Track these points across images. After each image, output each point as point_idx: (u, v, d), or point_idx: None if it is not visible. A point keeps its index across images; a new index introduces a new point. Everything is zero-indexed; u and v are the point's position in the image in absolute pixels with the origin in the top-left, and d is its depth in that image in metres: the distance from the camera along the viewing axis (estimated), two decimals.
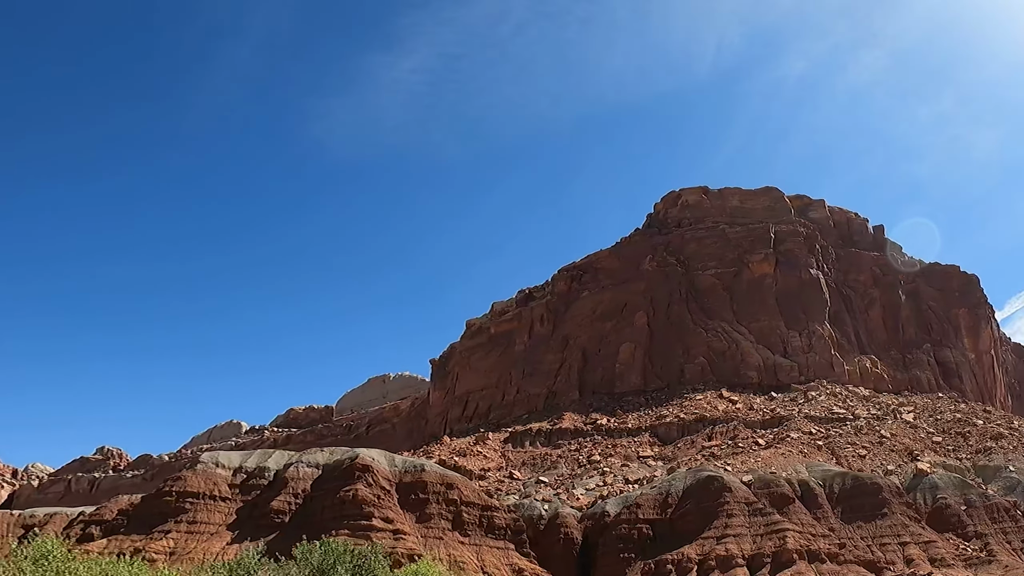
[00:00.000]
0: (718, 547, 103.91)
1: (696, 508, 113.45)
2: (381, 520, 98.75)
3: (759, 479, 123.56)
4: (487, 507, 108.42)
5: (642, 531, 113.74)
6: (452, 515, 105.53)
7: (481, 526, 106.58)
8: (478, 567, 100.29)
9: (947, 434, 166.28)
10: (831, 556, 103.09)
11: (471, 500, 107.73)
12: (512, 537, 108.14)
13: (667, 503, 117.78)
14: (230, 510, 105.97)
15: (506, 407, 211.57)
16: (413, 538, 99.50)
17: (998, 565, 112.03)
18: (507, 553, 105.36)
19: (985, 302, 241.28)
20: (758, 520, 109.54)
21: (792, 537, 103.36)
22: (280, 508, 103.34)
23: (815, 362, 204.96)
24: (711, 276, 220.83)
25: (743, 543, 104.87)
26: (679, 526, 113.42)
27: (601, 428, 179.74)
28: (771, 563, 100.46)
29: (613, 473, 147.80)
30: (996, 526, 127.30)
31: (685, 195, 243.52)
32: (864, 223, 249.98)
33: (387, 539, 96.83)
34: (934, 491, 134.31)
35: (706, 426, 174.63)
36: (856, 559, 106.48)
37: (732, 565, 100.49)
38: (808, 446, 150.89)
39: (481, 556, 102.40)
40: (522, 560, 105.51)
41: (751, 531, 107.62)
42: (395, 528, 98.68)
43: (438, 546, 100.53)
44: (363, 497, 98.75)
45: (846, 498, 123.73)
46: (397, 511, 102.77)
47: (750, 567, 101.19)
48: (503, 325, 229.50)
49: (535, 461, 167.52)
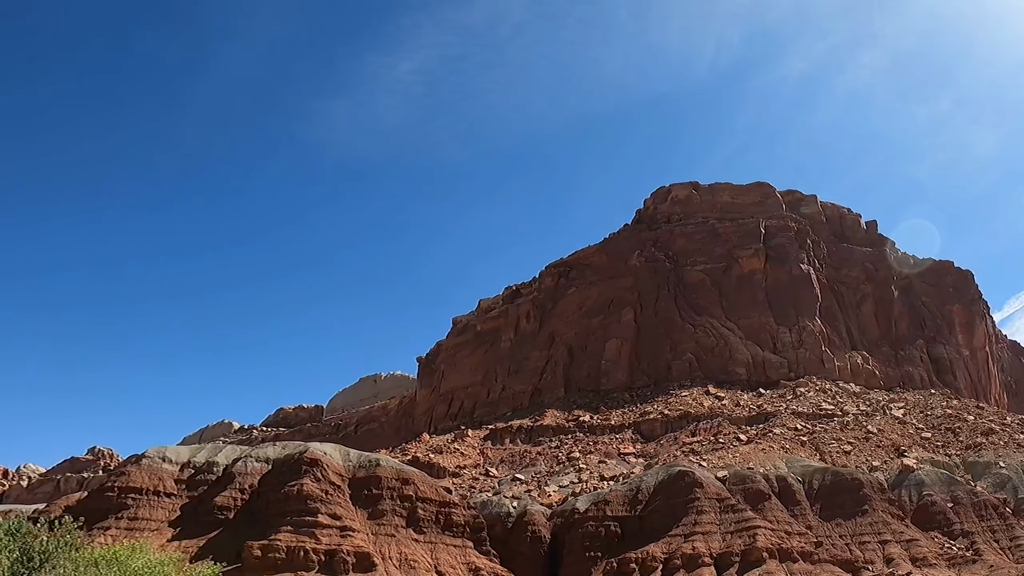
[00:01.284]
0: (685, 545, 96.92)
1: (665, 505, 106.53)
2: (328, 516, 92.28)
3: (734, 475, 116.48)
4: (445, 504, 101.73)
5: (610, 529, 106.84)
6: (407, 512, 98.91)
7: (438, 523, 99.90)
8: (431, 566, 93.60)
9: (937, 430, 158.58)
10: (804, 555, 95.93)
11: (428, 497, 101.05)
12: (471, 535, 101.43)
13: (637, 500, 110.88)
14: (174, 506, 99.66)
15: (491, 405, 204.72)
16: (362, 535, 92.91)
17: (983, 564, 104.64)
18: (465, 551, 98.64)
19: (980, 298, 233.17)
20: (729, 517, 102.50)
21: (763, 535, 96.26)
22: (224, 504, 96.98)
23: (805, 358, 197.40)
24: (700, 272, 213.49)
25: (712, 541, 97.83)
26: (648, 523, 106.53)
27: (583, 425, 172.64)
28: (740, 562, 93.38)
29: (590, 470, 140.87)
30: (983, 524, 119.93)
31: (675, 190, 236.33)
32: (857, 218, 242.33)
33: (333, 536, 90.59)
34: (920, 488, 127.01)
35: (690, 422, 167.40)
36: (832, 558, 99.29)
37: (699, 564, 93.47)
38: (791, 442, 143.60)
39: (436, 554, 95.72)
40: (481, 559, 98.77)
41: (721, 528, 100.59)
42: (343, 525, 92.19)
43: (389, 544, 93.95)
44: (309, 492, 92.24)
45: (826, 495, 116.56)
46: (347, 507, 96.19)
47: (718, 566, 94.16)
48: (489, 322, 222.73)
49: (514, 458, 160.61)
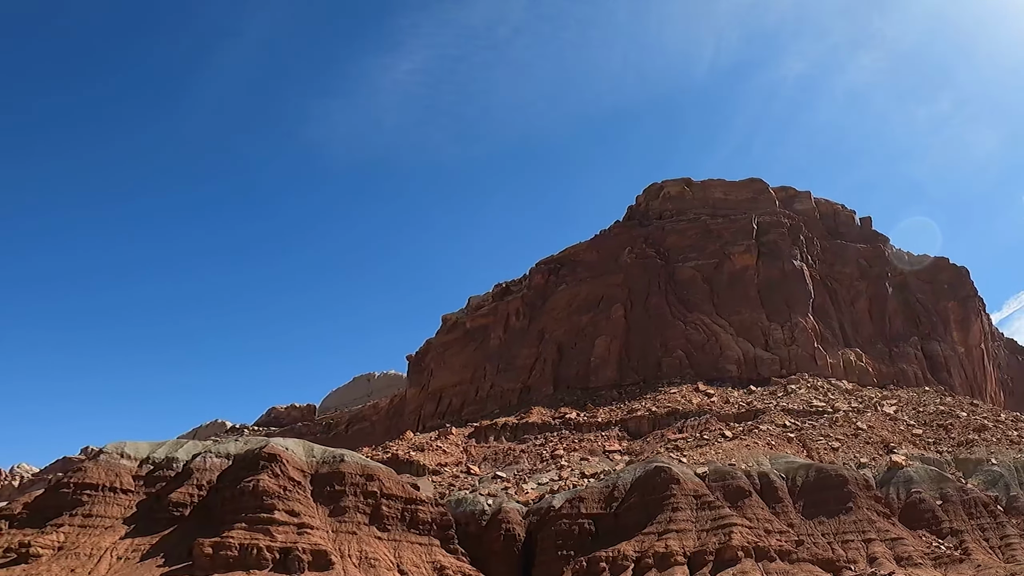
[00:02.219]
0: (658, 543, 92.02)
1: (640, 502, 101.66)
2: (285, 513, 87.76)
3: (714, 471, 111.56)
4: (411, 501, 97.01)
5: (584, 527, 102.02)
6: (371, 509, 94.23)
7: (403, 521, 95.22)
8: (393, 564, 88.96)
9: (928, 426, 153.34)
10: (783, 554, 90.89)
11: (393, 494, 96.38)
12: (438, 533, 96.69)
13: (613, 497, 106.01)
14: (131, 503, 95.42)
15: (479, 403, 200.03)
16: (321, 533, 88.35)
17: (970, 564, 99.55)
18: (431, 550, 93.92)
19: (975, 295, 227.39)
20: (706, 515, 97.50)
21: (739, 533, 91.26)
22: (180, 500, 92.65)
23: (797, 355, 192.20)
24: (691, 268, 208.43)
25: (686, 539, 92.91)
26: (623, 521, 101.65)
27: (570, 422, 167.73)
28: (713, 561, 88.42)
29: (571, 467, 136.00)
30: (973, 522, 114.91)
31: (667, 187, 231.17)
32: (851, 215, 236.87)
33: (290, 533, 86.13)
34: (908, 485, 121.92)
35: (678, 419, 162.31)
36: (812, 557, 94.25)
37: (671, 563, 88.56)
38: (777, 438, 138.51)
39: (399, 552, 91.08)
40: (447, 557, 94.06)
41: (697, 526, 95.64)
42: (300, 522, 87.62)
43: (350, 541, 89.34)
44: (265, 488, 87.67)
45: (809, 491, 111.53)
46: (307, 504, 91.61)
47: (691, 565, 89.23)
48: (479, 320, 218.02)
49: (497, 456, 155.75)
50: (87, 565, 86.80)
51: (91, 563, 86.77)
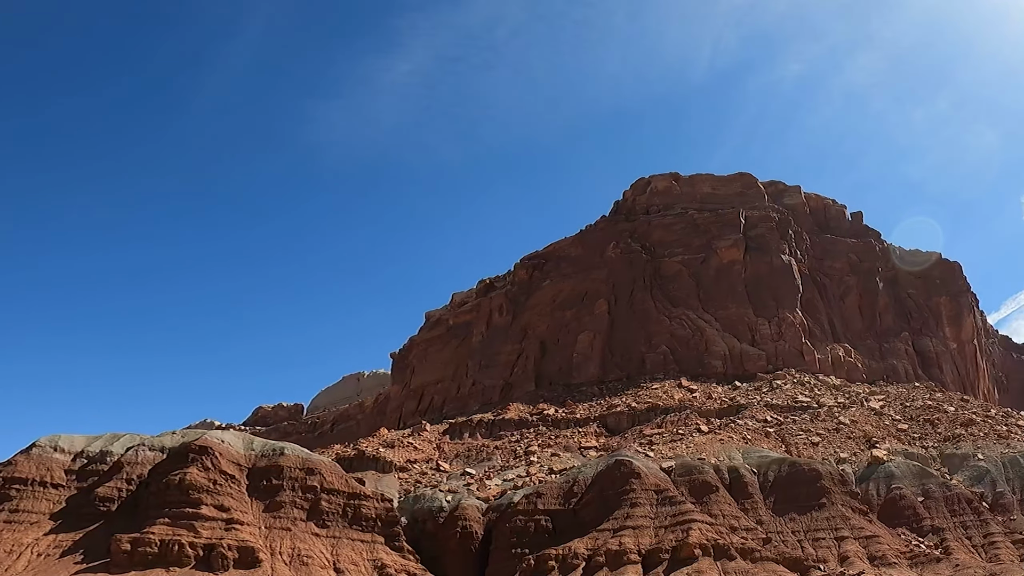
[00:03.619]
0: (612, 541, 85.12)
1: (598, 497, 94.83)
2: (214, 508, 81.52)
3: (681, 466, 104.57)
4: (354, 496, 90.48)
5: (540, 523, 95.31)
6: (309, 504, 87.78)
7: (344, 516, 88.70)
8: (328, 562, 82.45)
9: (914, 421, 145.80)
10: (745, 552, 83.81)
11: (335, 488, 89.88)
12: (382, 529, 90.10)
13: (573, 492, 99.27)
14: (60, 498, 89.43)
15: (460, 400, 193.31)
16: (252, 529, 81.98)
17: (948, 564, 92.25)
18: (373, 547, 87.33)
19: (968, 290, 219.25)
20: (666, 510, 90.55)
21: (698, 530, 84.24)
22: (107, 495, 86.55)
23: (784, 350, 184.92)
24: (677, 263, 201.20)
25: (642, 536, 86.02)
26: (582, 517, 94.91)
27: (548, 419, 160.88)
28: (669, 559, 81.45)
29: (540, 463, 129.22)
30: (956, 519, 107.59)
31: (655, 182, 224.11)
32: (842, 209, 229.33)
33: (216, 529, 79.91)
34: (889, 481, 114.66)
35: (658, 415, 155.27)
36: (779, 556, 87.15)
37: (624, 562, 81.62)
38: (755, 433, 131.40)
39: (337, 550, 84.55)
40: (391, 555, 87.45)
41: (655, 522, 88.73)
42: (229, 517, 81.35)
43: (283, 538, 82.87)
44: (191, 482, 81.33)
45: (781, 487, 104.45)
46: (240, 498, 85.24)
47: (646, 564, 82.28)
48: (461, 316, 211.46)
49: (470, 453, 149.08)
50: (5, 562, 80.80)
51: (10, 559, 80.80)
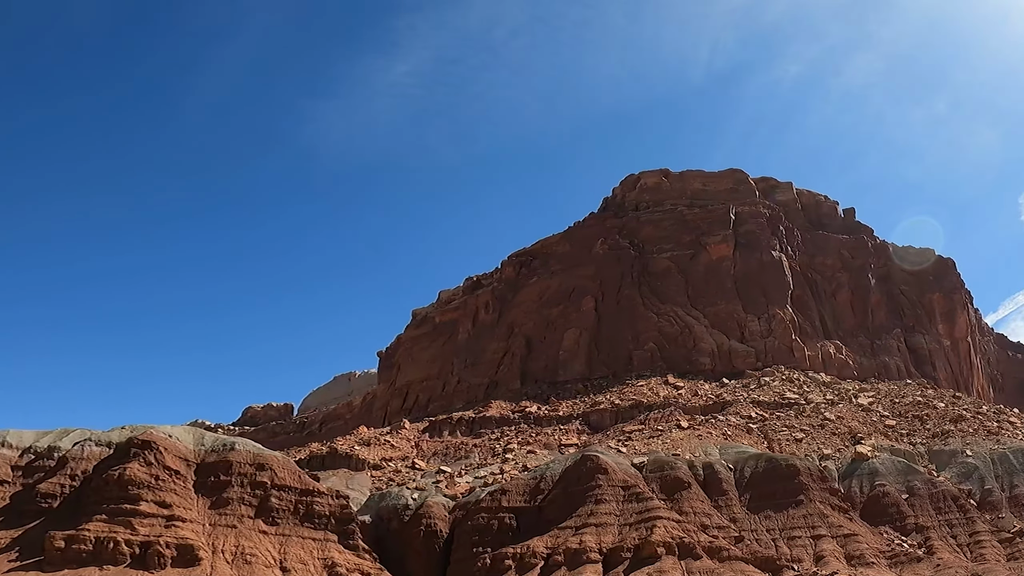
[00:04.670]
0: (573, 539, 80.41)
1: (564, 493, 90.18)
2: (154, 504, 77.13)
3: (653, 461, 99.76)
4: (307, 492, 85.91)
5: (504, 521, 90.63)
6: (259, 500, 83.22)
7: (296, 514, 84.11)
8: (275, 560, 77.88)
9: (903, 418, 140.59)
10: (712, 551, 78.97)
11: (286, 484, 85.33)
12: (336, 527, 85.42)
13: (539, 489, 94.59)
14: (5, 495, 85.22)
15: (445, 398, 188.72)
16: (195, 526, 77.51)
17: (928, 564, 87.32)
18: (325, 545, 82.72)
19: (961, 287, 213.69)
20: (632, 507, 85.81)
21: (662, 528, 79.45)
22: (49, 492, 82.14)
23: (774, 347, 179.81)
24: (666, 259, 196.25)
25: (605, 534, 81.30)
26: (547, 514, 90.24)
27: (529, 416, 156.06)
28: (631, 558, 76.68)
29: (515, 460, 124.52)
30: (941, 517, 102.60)
31: (644, 178, 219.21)
32: (834, 206, 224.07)
33: (155, 526, 75.43)
34: (872, 477, 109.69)
35: (641, 412, 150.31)
36: (751, 555, 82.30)
37: (583, 560, 76.90)
38: (736, 429, 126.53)
39: (286, 548, 79.97)
40: (344, 553, 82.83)
41: (620, 520, 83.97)
42: (171, 514, 76.91)
43: (228, 535, 78.32)
44: (131, 477, 76.95)
45: (758, 483, 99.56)
46: (185, 495, 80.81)
47: (607, 563, 77.54)
48: (448, 314, 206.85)
49: (448, 450, 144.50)
50: None
51: None
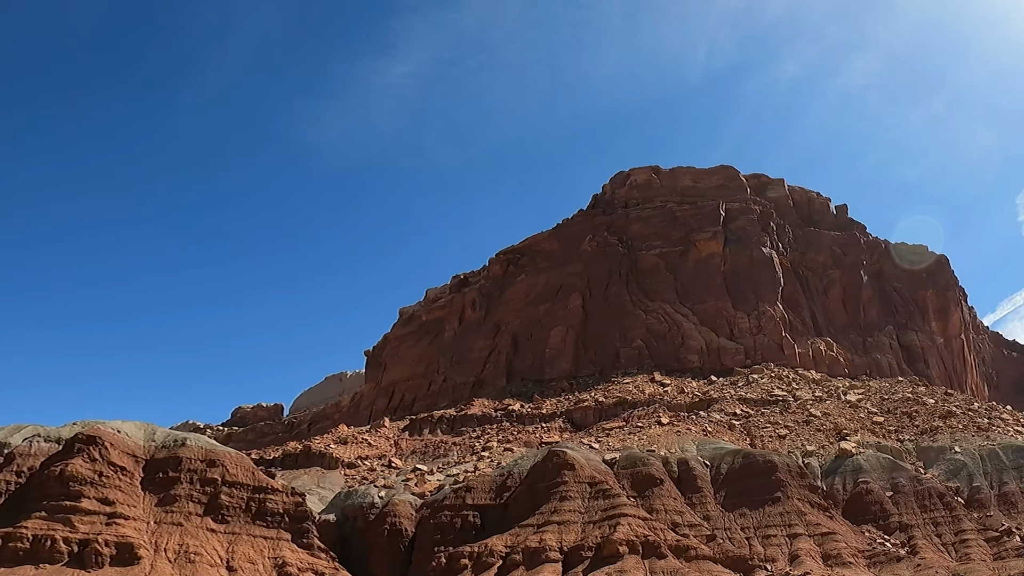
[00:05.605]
0: (533, 537, 76.31)
1: (529, 490, 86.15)
2: (96, 501, 73.39)
3: (625, 457, 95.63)
4: (260, 489, 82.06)
5: (467, 519, 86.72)
6: (208, 498, 79.35)
7: (247, 511, 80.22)
8: (221, 559, 74.00)
9: (891, 414, 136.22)
10: (680, 550, 74.83)
11: (238, 481, 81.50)
12: (290, 525, 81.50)
13: (506, 486, 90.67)
14: None
15: (431, 397, 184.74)
16: (138, 524, 73.69)
17: (909, 563, 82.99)
18: (277, 544, 78.79)
19: (955, 284, 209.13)
20: (598, 504, 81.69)
21: (626, 526, 75.31)
22: None
23: (764, 344, 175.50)
24: (655, 256, 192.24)
25: (568, 532, 77.22)
26: (512, 512, 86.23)
27: (512, 414, 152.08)
28: (592, 557, 72.56)
29: (492, 458, 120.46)
30: (926, 515, 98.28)
31: (634, 175, 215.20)
32: (826, 202, 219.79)
33: (95, 524, 71.61)
34: (856, 475, 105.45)
35: (625, 410, 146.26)
36: (721, 554, 78.16)
37: (542, 560, 72.83)
38: (719, 425, 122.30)
39: (234, 546, 76.09)
40: (296, 552, 78.89)
41: (585, 517, 79.90)
42: (113, 511, 73.18)
43: (172, 533, 74.47)
44: (72, 473, 73.24)
45: (734, 479, 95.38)
46: (131, 491, 77.04)
47: (567, 562, 73.45)
48: (435, 312, 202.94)
49: (427, 449, 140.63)
50: None
51: None
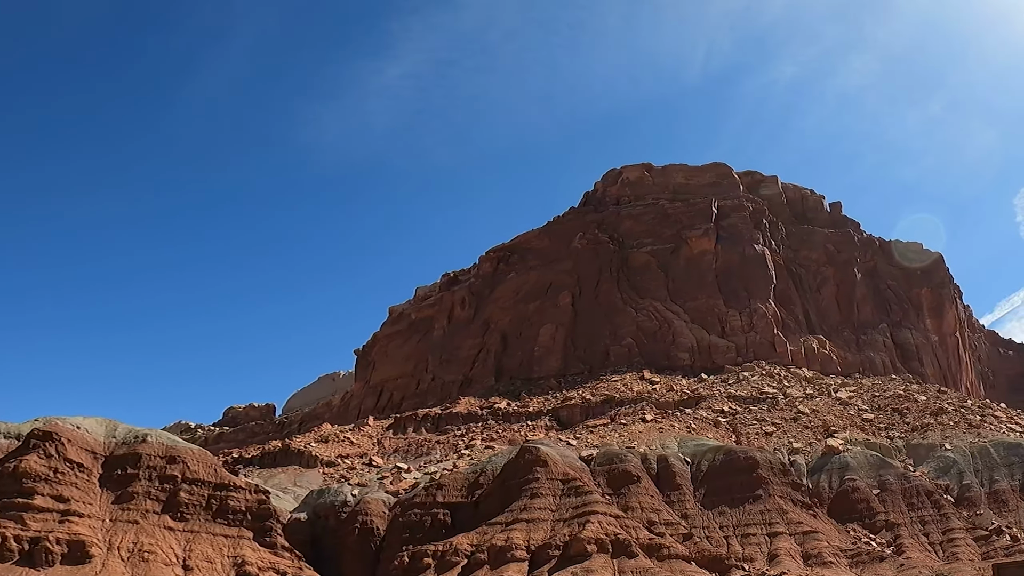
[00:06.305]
0: (500, 536, 73.41)
1: (500, 487, 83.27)
2: (51, 498, 70.70)
3: (602, 454, 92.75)
4: (221, 486, 79.27)
5: (438, 517, 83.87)
6: (167, 495, 76.59)
7: (208, 509, 77.47)
8: (177, 558, 71.26)
9: (882, 411, 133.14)
10: (652, 549, 71.88)
11: (199, 478, 78.74)
12: (252, 523, 78.73)
13: (478, 483, 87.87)
14: None
15: (419, 395, 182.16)
16: (92, 522, 71.02)
17: (892, 563, 79.92)
18: (238, 542, 76.02)
19: (950, 281, 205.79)
20: (570, 501, 78.82)
21: (596, 523, 72.40)
22: None
23: (755, 342, 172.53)
24: (646, 254, 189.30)
25: (536, 530, 74.36)
26: (484, 509, 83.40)
27: (498, 412, 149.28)
28: (559, 556, 69.66)
29: (472, 456, 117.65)
30: (914, 514, 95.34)
31: (626, 172, 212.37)
32: (820, 200, 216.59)
33: (48, 522, 68.95)
34: (842, 472, 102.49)
35: (613, 407, 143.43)
36: (696, 554, 75.19)
37: (507, 559, 69.96)
38: (704, 422, 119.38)
39: (192, 544, 73.34)
40: (258, 551, 76.10)
41: (555, 515, 77.05)
42: (67, 509, 70.49)
43: (128, 532, 71.77)
44: (26, 470, 70.64)
45: (714, 477, 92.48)
46: (88, 488, 74.34)
47: (534, 561, 70.57)
48: (424, 310, 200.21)
49: (410, 447, 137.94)
50: None
51: None
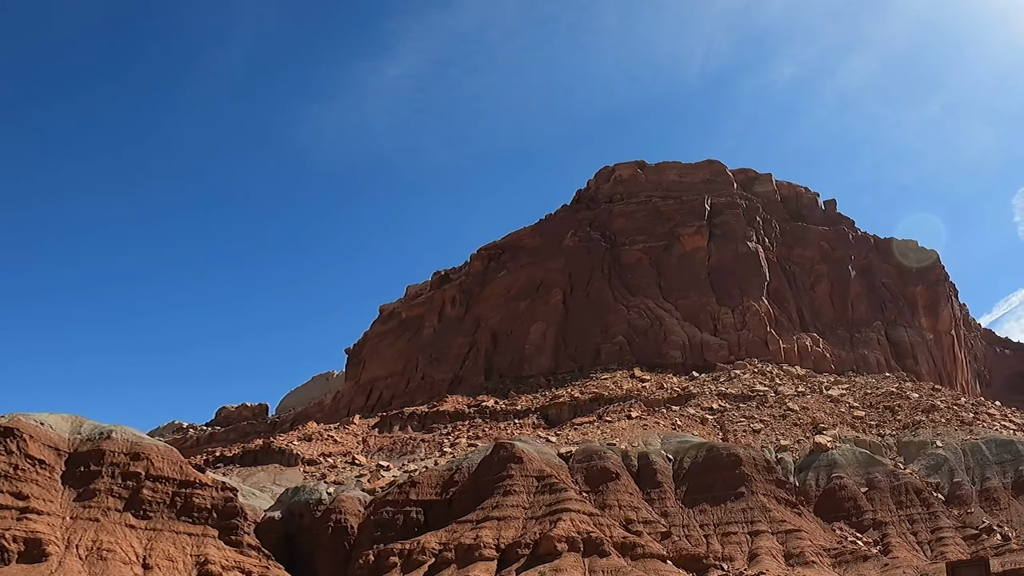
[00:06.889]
0: (469, 534, 71.01)
1: (474, 485, 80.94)
2: (10, 496, 69.15)
3: (581, 451, 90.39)
4: (186, 484, 77.06)
5: (410, 515, 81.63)
6: (130, 492, 74.39)
7: (172, 507, 75.33)
8: (137, 556, 69.09)
9: (873, 409, 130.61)
10: (625, 548, 69.49)
11: (164, 475, 76.61)
12: (218, 521, 76.50)
13: (453, 481, 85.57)
14: None
15: (409, 394, 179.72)
16: (51, 520, 68.93)
17: (876, 562, 77.37)
18: (202, 540, 73.83)
19: (945, 279, 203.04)
20: (544, 499, 76.44)
21: (568, 521, 70.03)
22: None
23: (748, 340, 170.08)
24: (638, 251, 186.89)
25: (507, 528, 72.04)
26: (457, 507, 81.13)
27: (486, 411, 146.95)
28: (528, 555, 67.26)
29: (453, 454, 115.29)
30: (902, 512, 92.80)
31: (619, 170, 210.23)
32: (814, 197, 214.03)
33: (5, 519, 67.30)
34: (830, 470, 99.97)
35: (601, 405, 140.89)
36: (673, 553, 72.78)
37: (475, 558, 67.63)
38: (691, 420, 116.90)
39: (154, 543, 71.17)
40: (222, 550, 73.86)
41: (528, 513, 74.73)
42: (27, 506, 68.65)
43: (88, 529, 69.63)
44: None
45: (696, 474, 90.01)
46: (49, 485, 72.30)
47: (503, 559, 68.17)
48: (414, 309, 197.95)
49: (395, 446, 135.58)
50: None
51: None
